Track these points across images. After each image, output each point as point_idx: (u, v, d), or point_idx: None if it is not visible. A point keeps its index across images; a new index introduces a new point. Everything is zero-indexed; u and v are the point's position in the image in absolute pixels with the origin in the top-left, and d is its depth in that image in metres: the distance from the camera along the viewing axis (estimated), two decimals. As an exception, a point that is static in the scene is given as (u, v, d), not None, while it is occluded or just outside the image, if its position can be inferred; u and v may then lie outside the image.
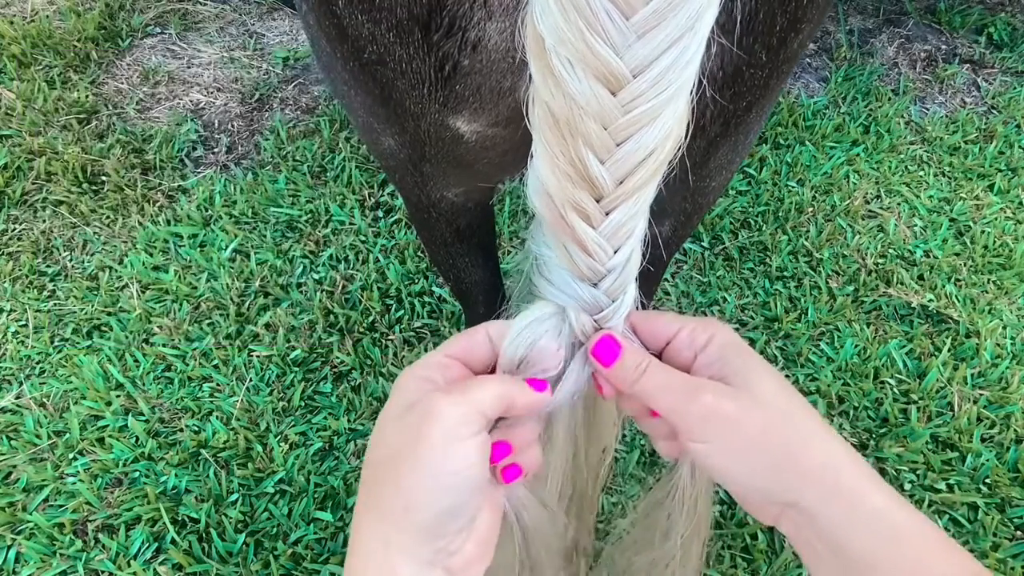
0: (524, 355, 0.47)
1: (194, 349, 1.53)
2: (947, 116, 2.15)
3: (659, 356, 0.49)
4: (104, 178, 1.85)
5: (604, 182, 0.39)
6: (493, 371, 0.49)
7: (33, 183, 1.83)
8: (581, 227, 0.42)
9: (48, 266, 1.69)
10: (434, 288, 1.64)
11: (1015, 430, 1.44)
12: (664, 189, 0.43)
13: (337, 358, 1.52)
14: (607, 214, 0.41)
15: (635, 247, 0.44)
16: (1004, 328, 1.62)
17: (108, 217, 1.78)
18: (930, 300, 1.67)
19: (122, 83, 2.12)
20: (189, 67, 2.19)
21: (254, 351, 1.53)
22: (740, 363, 0.46)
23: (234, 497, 1.32)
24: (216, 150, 1.97)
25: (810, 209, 1.85)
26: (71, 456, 1.38)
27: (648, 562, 0.56)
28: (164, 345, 1.54)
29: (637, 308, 0.49)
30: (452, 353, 0.47)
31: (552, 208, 0.42)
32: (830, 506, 0.43)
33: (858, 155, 1.99)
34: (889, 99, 2.16)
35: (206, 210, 1.80)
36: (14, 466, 1.36)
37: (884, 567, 0.41)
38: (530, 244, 0.49)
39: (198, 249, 1.71)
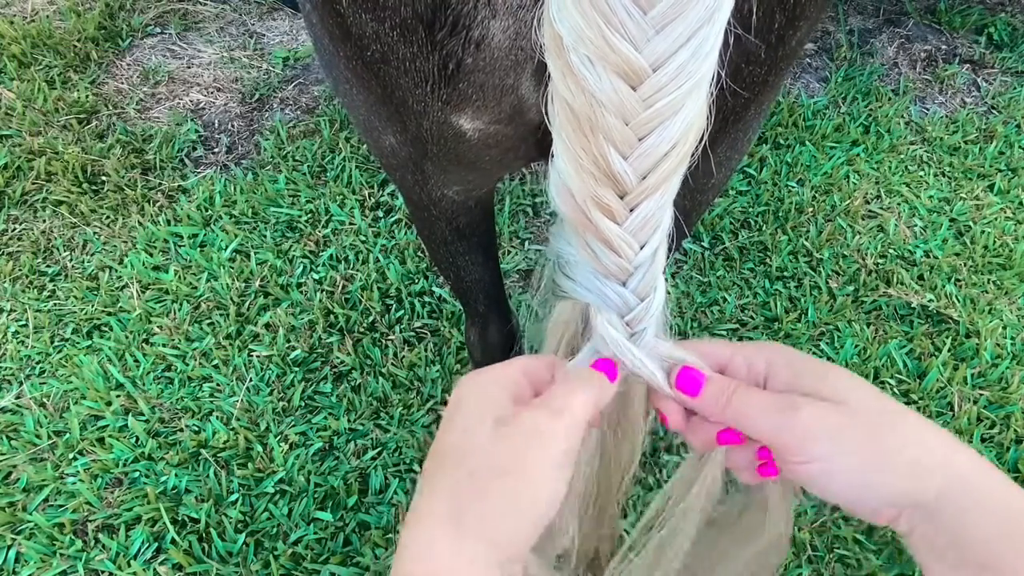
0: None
1: (194, 349, 1.53)
2: (947, 116, 2.15)
3: None
4: (104, 178, 1.85)
5: (627, 177, 0.39)
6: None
7: (33, 183, 1.83)
8: (605, 224, 0.41)
9: (48, 266, 1.69)
10: (434, 288, 1.64)
11: (1015, 430, 1.44)
12: None
13: (337, 358, 1.52)
14: (631, 210, 0.41)
15: (662, 241, 0.44)
16: (1004, 328, 1.62)
17: (108, 217, 1.78)
18: (930, 300, 1.67)
19: (122, 83, 2.12)
20: (189, 67, 2.19)
21: (254, 351, 1.53)
22: (818, 377, 0.44)
23: (234, 497, 1.32)
24: (216, 150, 1.97)
25: (810, 209, 1.85)
26: (71, 456, 1.37)
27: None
28: (164, 345, 1.54)
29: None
30: (521, 369, 0.45)
31: (574, 206, 0.42)
32: (951, 499, 0.40)
33: (858, 155, 2.00)
34: (889, 99, 2.17)
35: (206, 210, 1.80)
36: (14, 466, 1.36)
37: (1008, 556, 0.39)
38: (552, 243, 0.48)
39: (198, 249, 1.71)
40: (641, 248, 0.43)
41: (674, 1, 0.34)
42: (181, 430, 1.42)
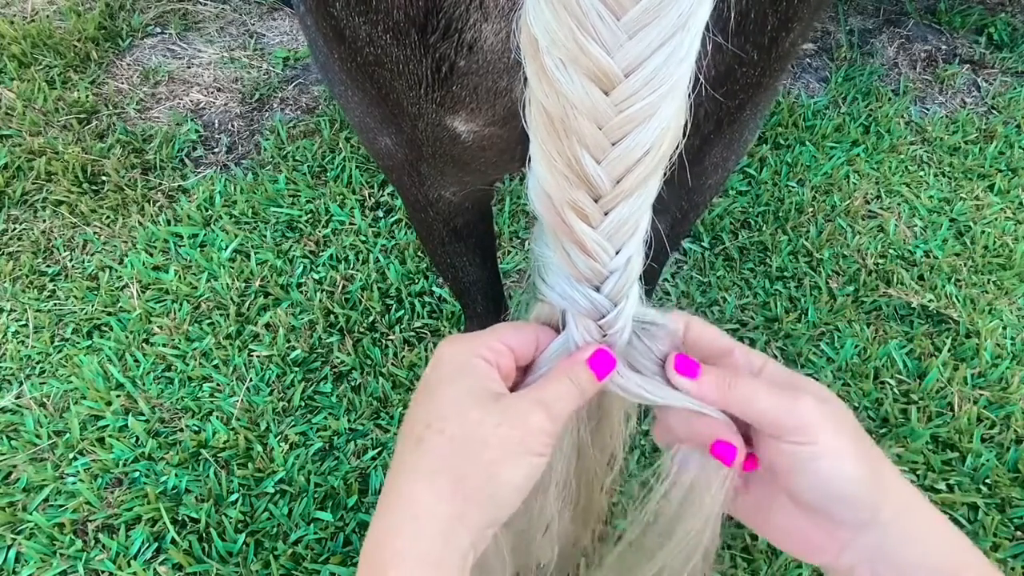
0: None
1: (194, 349, 1.53)
2: (947, 116, 2.15)
3: None
4: (104, 178, 1.85)
5: (601, 181, 0.39)
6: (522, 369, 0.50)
7: (33, 183, 1.83)
8: (580, 227, 0.41)
9: (48, 266, 1.69)
10: (434, 288, 1.64)
11: (1015, 430, 1.44)
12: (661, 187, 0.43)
13: (337, 358, 1.52)
14: (606, 213, 0.41)
15: (637, 248, 0.44)
16: (1004, 328, 1.62)
17: (108, 217, 1.78)
18: (930, 300, 1.67)
19: (122, 83, 2.12)
20: (189, 67, 2.20)
21: (254, 351, 1.53)
22: (807, 382, 0.47)
23: (234, 497, 1.32)
24: (216, 150, 1.97)
25: (810, 209, 1.85)
26: (71, 456, 1.38)
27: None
28: (164, 345, 1.54)
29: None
30: (507, 343, 0.48)
31: (551, 208, 0.42)
32: (904, 519, 0.44)
33: (858, 155, 1.99)
34: (889, 99, 2.16)
35: (206, 210, 1.80)
36: (14, 466, 1.37)
37: None
38: (533, 245, 0.49)
39: (198, 249, 1.71)
40: (617, 253, 0.43)
41: (647, 6, 0.33)
42: (181, 430, 1.42)
